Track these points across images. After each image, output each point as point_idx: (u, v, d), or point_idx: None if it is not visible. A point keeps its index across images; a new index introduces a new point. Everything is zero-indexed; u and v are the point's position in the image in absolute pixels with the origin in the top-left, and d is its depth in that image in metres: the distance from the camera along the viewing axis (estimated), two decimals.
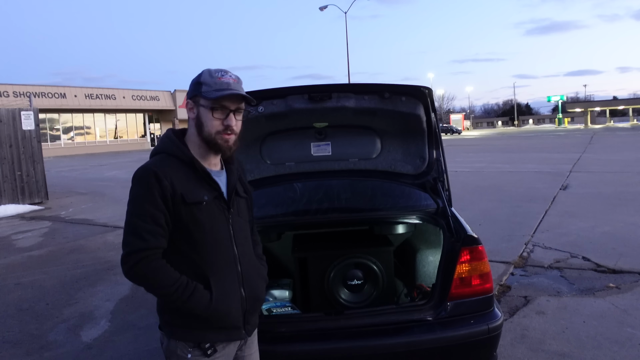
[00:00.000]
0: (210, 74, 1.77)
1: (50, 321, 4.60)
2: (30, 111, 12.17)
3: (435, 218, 3.08)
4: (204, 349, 1.80)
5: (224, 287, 1.81)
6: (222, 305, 1.79)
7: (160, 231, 1.72)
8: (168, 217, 1.74)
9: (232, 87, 1.76)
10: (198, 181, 1.79)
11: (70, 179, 18.92)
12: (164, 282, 1.70)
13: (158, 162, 1.78)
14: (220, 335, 1.83)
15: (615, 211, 8.24)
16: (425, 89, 3.08)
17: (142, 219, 1.71)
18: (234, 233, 1.87)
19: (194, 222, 1.77)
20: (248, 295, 1.88)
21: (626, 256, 5.65)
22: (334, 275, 3.14)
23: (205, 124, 1.78)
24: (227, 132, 1.77)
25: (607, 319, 3.99)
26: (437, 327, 2.56)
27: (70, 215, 10.60)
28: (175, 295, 1.71)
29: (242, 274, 1.87)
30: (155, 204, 1.71)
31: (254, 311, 1.94)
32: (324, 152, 3.49)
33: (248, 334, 1.93)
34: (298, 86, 3.03)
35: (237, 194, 1.91)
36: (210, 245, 1.80)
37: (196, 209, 1.76)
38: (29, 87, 37.65)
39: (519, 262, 5.68)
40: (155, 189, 1.71)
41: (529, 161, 18.08)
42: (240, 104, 1.81)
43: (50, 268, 6.43)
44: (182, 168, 1.78)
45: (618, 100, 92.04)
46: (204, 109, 1.77)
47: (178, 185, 1.74)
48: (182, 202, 1.74)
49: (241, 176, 2.00)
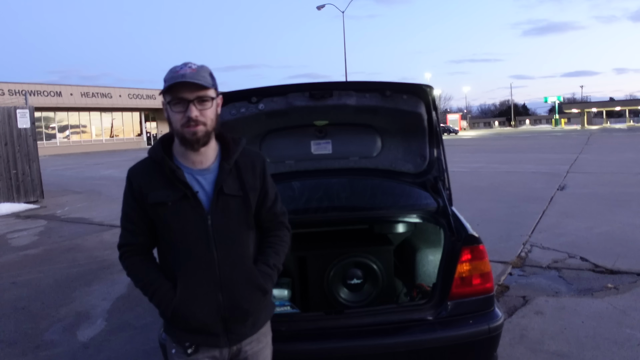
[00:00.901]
0: (171, 70, 1.73)
1: (46, 320, 4.56)
2: (26, 109, 12.11)
3: (435, 217, 3.06)
4: (184, 346, 1.82)
5: (190, 290, 1.76)
6: (185, 307, 1.76)
7: (134, 229, 1.83)
8: (143, 215, 1.82)
9: (186, 77, 1.67)
10: (166, 181, 1.77)
11: (66, 177, 18.85)
12: (135, 277, 1.84)
13: (137, 164, 1.87)
14: (196, 338, 1.81)
15: (612, 212, 8.25)
16: (427, 87, 3.07)
17: (123, 217, 1.87)
18: (214, 234, 1.77)
19: (161, 223, 1.80)
20: (227, 302, 1.78)
21: (624, 257, 5.65)
22: (333, 274, 3.12)
23: (171, 120, 1.75)
24: (190, 124, 1.70)
25: (605, 320, 3.99)
26: (438, 326, 2.54)
27: (66, 214, 10.56)
28: (144, 291, 1.82)
29: (221, 279, 1.77)
30: (130, 204, 1.83)
31: (237, 320, 1.81)
32: (324, 151, 3.47)
33: (231, 343, 1.83)
34: (299, 84, 3.00)
35: (222, 192, 1.79)
36: (179, 246, 1.78)
37: (161, 210, 1.77)
38: (24, 86, 37.48)
39: (517, 262, 5.68)
40: (129, 190, 1.83)
41: (526, 161, 18.10)
42: (201, 93, 1.70)
43: (46, 267, 6.39)
44: (155, 168, 1.80)
45: (615, 101, 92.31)
46: (167, 105, 1.74)
47: (145, 187, 1.79)
48: (147, 202, 1.79)
49: (243, 172, 1.85)
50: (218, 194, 1.78)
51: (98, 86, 45.13)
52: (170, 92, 1.70)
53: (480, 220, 7.81)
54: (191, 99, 1.69)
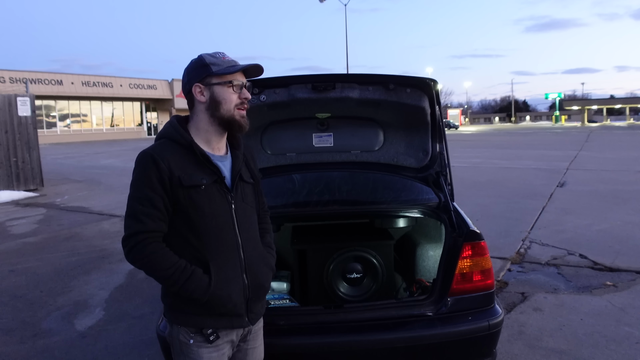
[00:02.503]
0: (212, 55, 1.80)
1: (44, 309, 4.56)
2: (27, 97, 12.07)
3: (437, 212, 3.04)
4: (206, 334, 1.80)
5: (223, 273, 1.79)
6: (221, 290, 1.77)
7: (158, 214, 1.73)
8: (167, 200, 1.74)
9: (238, 63, 1.81)
10: (197, 165, 1.77)
11: (65, 166, 18.82)
12: (162, 265, 1.71)
13: (158, 146, 1.79)
14: (221, 321, 1.82)
15: (612, 209, 8.24)
16: (430, 81, 3.04)
17: (141, 202, 1.72)
18: (237, 219, 1.84)
19: (192, 205, 1.76)
20: (251, 282, 1.86)
21: (623, 254, 5.64)
22: (333, 268, 3.10)
23: (224, 101, 1.78)
24: (244, 105, 1.81)
25: (604, 317, 3.98)
26: (438, 322, 2.53)
27: (65, 203, 10.55)
28: (173, 279, 1.71)
29: (245, 261, 1.85)
30: (153, 188, 1.72)
31: (257, 299, 1.91)
32: (326, 144, 3.44)
33: (251, 322, 1.90)
34: (301, 75, 2.97)
35: (241, 179, 1.88)
36: (210, 230, 1.79)
37: (194, 193, 1.75)
38: (25, 74, 37.37)
39: (516, 259, 5.67)
40: (153, 172, 1.72)
41: (526, 158, 18.08)
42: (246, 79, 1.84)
43: (44, 255, 6.39)
44: (182, 152, 1.77)
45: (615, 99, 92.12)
46: (220, 86, 1.78)
47: (176, 169, 1.73)
48: (179, 185, 1.73)
49: (249, 161, 1.98)
50: (238, 180, 1.87)
51: (99, 75, 45.07)
52: (229, 75, 1.78)
53: (479, 215, 7.80)
54: (245, 84, 1.81)
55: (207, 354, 1.81)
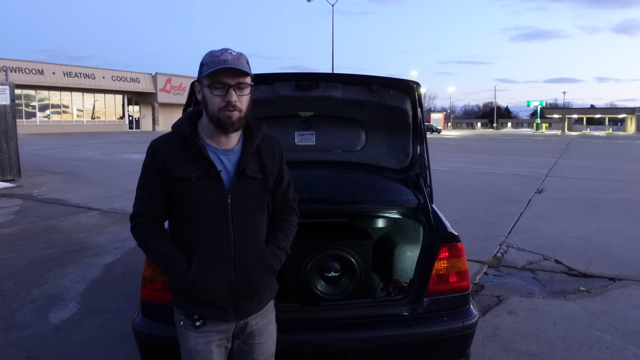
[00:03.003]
0: (211, 54, 1.81)
1: (17, 301, 4.49)
2: (6, 85, 11.85)
3: (416, 214, 3.07)
4: (193, 319, 1.87)
5: (206, 265, 1.83)
6: (199, 281, 1.82)
7: (152, 201, 1.87)
8: (162, 189, 1.86)
9: (229, 63, 1.75)
10: (191, 158, 1.82)
11: (44, 157, 18.53)
12: (149, 247, 1.89)
13: (161, 138, 1.90)
14: (205, 311, 1.87)
15: (588, 217, 8.39)
16: (413, 84, 3.07)
17: (140, 188, 1.90)
18: (233, 214, 1.84)
19: (182, 197, 1.84)
20: (240, 280, 1.86)
21: (597, 261, 5.75)
22: (311, 266, 3.11)
23: (208, 103, 1.81)
24: (228, 108, 1.78)
25: (577, 322, 4.06)
26: (413, 322, 2.56)
27: (42, 194, 10.38)
28: (156, 262, 1.88)
29: (236, 257, 1.85)
30: (150, 177, 1.86)
31: (245, 298, 1.89)
32: (308, 142, 3.45)
33: (239, 318, 1.92)
34: (285, 73, 2.98)
35: (244, 174, 1.87)
36: (199, 222, 1.84)
37: (184, 185, 1.82)
38: (5, 62, 36.62)
39: (493, 262, 5.74)
40: (151, 162, 1.86)
41: (506, 163, 18.30)
42: (241, 79, 1.79)
43: (20, 247, 6.28)
44: (181, 145, 1.84)
45: (595, 109, 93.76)
46: (206, 88, 1.80)
47: (170, 161, 1.82)
48: (170, 176, 1.82)
49: (263, 156, 1.93)
50: (240, 175, 1.87)
51: (81, 66, 44.52)
52: (212, 76, 1.76)
53: (458, 219, 7.88)
54: (232, 84, 1.77)
55: (194, 338, 1.90)
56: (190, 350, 1.91)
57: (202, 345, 1.90)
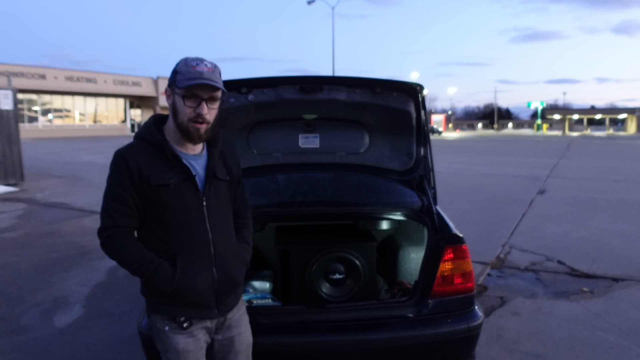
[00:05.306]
0: (186, 63, 1.82)
1: (22, 305, 4.51)
2: (9, 90, 11.88)
3: (420, 215, 3.07)
4: (179, 322, 1.91)
5: (190, 267, 1.88)
6: (186, 283, 1.87)
7: (127, 211, 1.85)
8: (137, 198, 1.85)
9: (204, 76, 1.77)
10: (167, 164, 1.86)
11: (47, 161, 18.57)
12: (129, 258, 1.85)
13: (130, 146, 1.89)
14: (190, 311, 1.92)
15: (590, 217, 8.39)
16: (417, 86, 3.08)
17: (112, 199, 1.85)
18: (209, 215, 1.91)
19: (161, 203, 1.86)
20: (221, 276, 1.94)
21: (600, 262, 5.75)
22: (315, 268, 3.12)
23: (178, 112, 1.83)
24: (198, 120, 1.82)
25: (580, 322, 4.06)
26: (418, 324, 2.56)
27: (46, 198, 10.41)
28: (140, 271, 1.85)
29: (216, 256, 1.92)
30: (123, 186, 1.83)
31: (227, 292, 1.99)
32: (312, 145, 3.47)
33: (221, 314, 1.99)
34: (290, 76, 2.99)
35: (215, 176, 1.94)
36: (179, 226, 1.88)
37: (163, 191, 1.84)
38: (8, 67, 36.71)
39: (496, 263, 5.75)
40: (123, 171, 1.83)
41: (507, 164, 18.29)
42: (213, 93, 1.83)
43: (24, 251, 6.31)
44: (153, 152, 1.86)
45: (596, 109, 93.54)
46: (178, 97, 1.82)
47: (145, 169, 1.83)
48: (147, 184, 1.83)
49: (227, 158, 2.03)
50: (211, 178, 1.93)
51: (83, 71, 44.54)
52: (185, 87, 1.78)
53: (460, 220, 7.87)
54: (204, 98, 1.81)
55: (183, 340, 1.92)
56: (182, 352, 1.93)
57: (193, 344, 1.94)
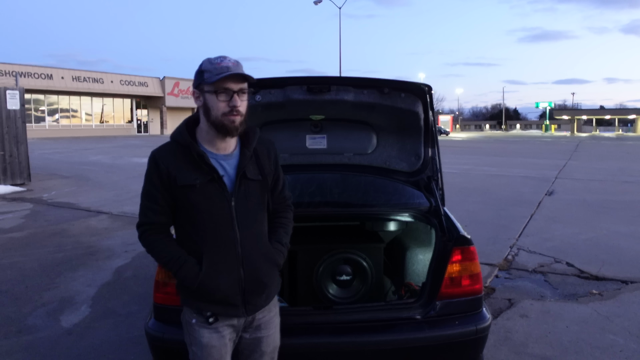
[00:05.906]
0: (210, 62, 1.88)
1: (29, 305, 4.52)
2: (16, 90, 11.95)
3: (427, 217, 3.05)
4: (205, 316, 1.96)
5: (215, 265, 1.92)
6: (210, 281, 1.92)
7: (158, 209, 1.95)
8: (167, 197, 1.93)
9: (231, 69, 1.84)
10: (194, 165, 1.90)
11: (54, 161, 18.66)
12: (159, 254, 1.97)
13: (162, 147, 1.98)
14: (216, 308, 1.96)
15: (599, 219, 8.32)
16: (425, 87, 3.06)
17: (146, 197, 1.97)
18: (237, 215, 1.93)
19: (188, 203, 1.92)
20: (248, 276, 1.95)
21: (609, 264, 5.70)
22: (323, 269, 3.11)
23: (212, 108, 1.87)
24: (232, 113, 1.86)
25: (589, 325, 4.02)
26: (425, 326, 2.55)
27: (52, 198, 10.45)
28: (168, 266, 1.95)
29: (243, 256, 1.94)
30: (154, 185, 1.93)
31: (255, 292, 1.99)
32: (319, 145, 3.45)
33: (248, 313, 2.00)
34: (297, 77, 2.98)
35: (245, 176, 1.96)
36: (207, 226, 1.92)
37: (189, 192, 1.90)
38: (15, 67, 36.94)
39: (504, 265, 5.71)
40: (154, 172, 1.93)
41: (515, 165, 18.20)
42: (242, 85, 1.88)
43: (30, 251, 6.33)
44: (182, 153, 1.92)
45: (605, 110, 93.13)
46: (209, 94, 1.86)
47: (173, 170, 1.90)
48: (175, 184, 1.90)
49: (260, 158, 2.04)
50: (241, 178, 1.96)
51: (90, 71, 44.71)
52: (217, 82, 1.83)
53: (468, 221, 7.84)
54: (235, 90, 1.86)
55: (207, 334, 1.98)
56: (206, 346, 1.98)
57: (217, 340, 1.98)
